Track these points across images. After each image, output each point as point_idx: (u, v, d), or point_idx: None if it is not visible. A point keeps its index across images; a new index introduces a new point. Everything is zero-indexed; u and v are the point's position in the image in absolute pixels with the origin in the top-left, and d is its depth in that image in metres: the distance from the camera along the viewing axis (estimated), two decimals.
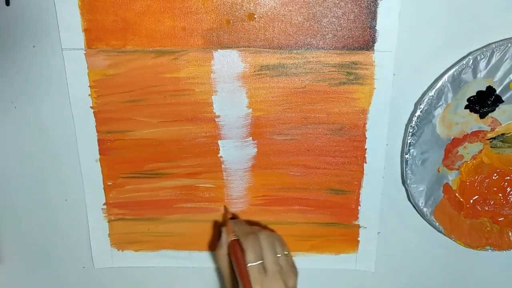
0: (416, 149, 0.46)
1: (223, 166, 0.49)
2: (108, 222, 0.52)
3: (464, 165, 0.48)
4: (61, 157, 0.49)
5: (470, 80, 0.44)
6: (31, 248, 0.54)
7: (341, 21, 0.43)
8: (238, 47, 0.44)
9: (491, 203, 0.49)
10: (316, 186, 0.50)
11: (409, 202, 0.50)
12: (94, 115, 0.47)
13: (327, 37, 0.44)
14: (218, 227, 0.51)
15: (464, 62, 0.43)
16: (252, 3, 0.43)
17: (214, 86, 0.46)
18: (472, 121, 0.46)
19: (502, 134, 0.47)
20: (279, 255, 0.42)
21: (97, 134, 0.48)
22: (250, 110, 0.47)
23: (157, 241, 0.53)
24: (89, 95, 0.46)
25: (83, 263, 0.54)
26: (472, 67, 0.43)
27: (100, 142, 0.48)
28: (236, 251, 0.42)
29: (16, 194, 0.51)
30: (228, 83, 0.46)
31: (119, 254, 0.54)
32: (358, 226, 0.51)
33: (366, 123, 0.47)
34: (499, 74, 0.43)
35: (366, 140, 0.48)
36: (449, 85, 0.44)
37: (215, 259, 0.49)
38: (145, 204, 0.51)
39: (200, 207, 0.51)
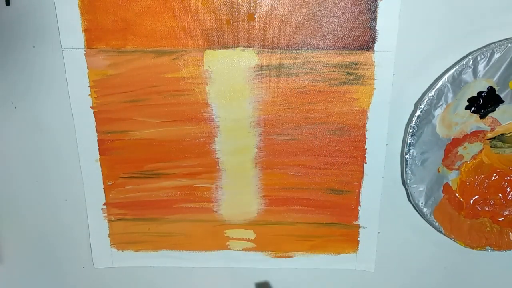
0: (416, 149, 0.46)
1: (223, 166, 0.49)
2: (108, 222, 0.52)
3: (464, 165, 0.48)
4: (61, 157, 0.49)
5: (470, 80, 0.44)
6: (31, 248, 0.54)
7: (341, 21, 0.43)
8: (238, 47, 0.44)
9: (491, 203, 0.49)
10: (316, 186, 0.50)
11: (409, 202, 0.50)
12: (94, 115, 0.47)
13: (327, 37, 0.44)
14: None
15: (464, 62, 0.43)
16: (252, 3, 0.43)
17: (214, 86, 0.46)
18: (472, 121, 0.46)
19: (502, 134, 0.47)
20: None
21: (97, 134, 0.48)
22: (250, 110, 0.47)
23: (157, 241, 0.53)
24: (89, 95, 0.46)
25: (83, 263, 0.55)
26: (472, 67, 0.43)
27: (100, 142, 0.48)
28: None
29: (16, 194, 0.51)
30: (228, 84, 0.46)
31: (119, 254, 0.54)
32: (358, 226, 0.51)
33: (366, 123, 0.47)
34: (499, 74, 0.43)
35: (366, 140, 0.48)
36: (449, 85, 0.44)
37: None
38: (145, 204, 0.51)
39: (200, 207, 0.51)
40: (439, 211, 0.49)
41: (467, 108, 0.45)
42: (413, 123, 0.45)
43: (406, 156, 0.46)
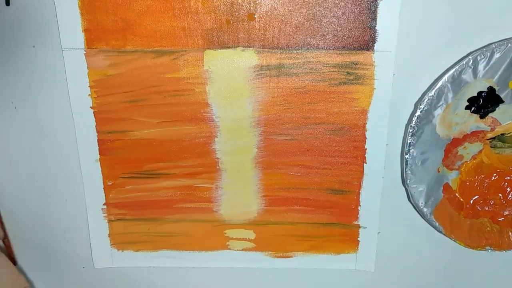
0: (416, 149, 0.46)
1: (223, 166, 0.49)
2: (108, 222, 0.52)
3: (464, 165, 0.48)
4: (61, 157, 0.49)
5: (470, 80, 0.44)
6: (31, 248, 0.54)
7: (341, 21, 0.43)
8: (238, 47, 0.44)
9: (491, 203, 0.49)
10: (316, 186, 0.50)
11: (409, 202, 0.50)
12: (94, 115, 0.47)
13: (327, 37, 0.44)
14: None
15: (464, 62, 0.43)
16: (252, 3, 0.43)
17: (214, 86, 0.46)
18: (472, 121, 0.46)
19: (502, 134, 0.47)
20: None
21: (97, 134, 0.48)
22: (250, 110, 0.47)
23: (157, 241, 0.53)
24: (89, 95, 0.46)
25: (83, 263, 0.55)
26: (472, 67, 0.43)
27: (100, 142, 0.48)
28: None
29: (16, 194, 0.51)
30: (228, 84, 0.46)
31: (119, 254, 0.54)
32: (358, 226, 0.51)
33: (366, 123, 0.47)
34: (499, 74, 0.43)
35: (366, 140, 0.48)
36: (449, 85, 0.44)
37: None
38: (145, 204, 0.51)
39: (200, 207, 0.51)
40: (439, 211, 0.49)
41: (467, 108, 0.45)
42: (413, 123, 0.45)
43: (406, 156, 0.46)
